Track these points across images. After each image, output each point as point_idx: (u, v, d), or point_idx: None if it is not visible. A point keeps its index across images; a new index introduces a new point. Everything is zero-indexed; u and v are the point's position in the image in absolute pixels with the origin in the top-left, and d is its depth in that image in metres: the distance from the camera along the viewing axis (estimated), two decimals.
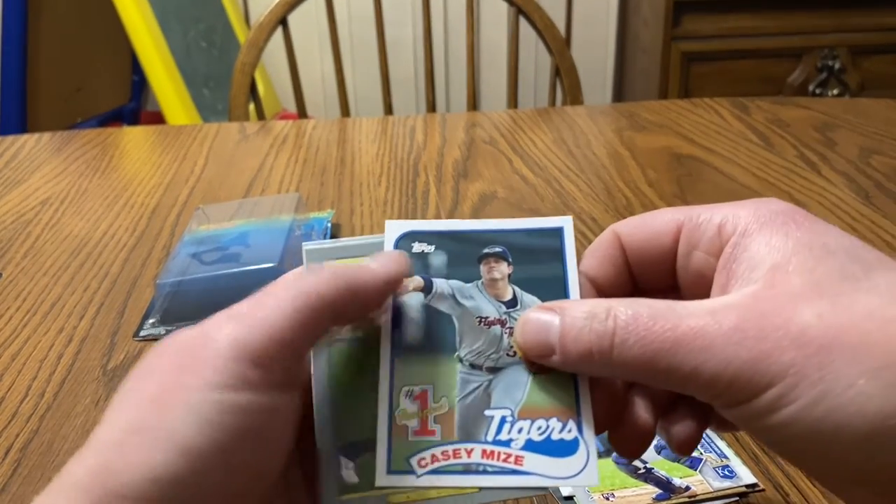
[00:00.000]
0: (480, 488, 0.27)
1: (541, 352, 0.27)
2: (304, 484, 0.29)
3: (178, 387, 0.24)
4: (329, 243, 0.31)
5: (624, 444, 0.29)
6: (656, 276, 0.30)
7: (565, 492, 0.38)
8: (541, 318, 0.27)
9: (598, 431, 0.28)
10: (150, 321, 0.56)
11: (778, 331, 0.24)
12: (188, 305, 0.57)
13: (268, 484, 0.26)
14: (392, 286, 0.29)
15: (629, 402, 0.29)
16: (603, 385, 0.28)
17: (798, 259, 0.25)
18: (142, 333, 0.55)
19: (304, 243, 0.30)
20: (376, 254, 0.30)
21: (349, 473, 0.27)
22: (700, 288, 0.29)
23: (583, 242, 0.67)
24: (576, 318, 0.27)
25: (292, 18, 1.26)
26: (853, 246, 0.26)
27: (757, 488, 0.38)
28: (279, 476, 0.27)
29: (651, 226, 0.30)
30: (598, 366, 0.26)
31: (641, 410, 0.29)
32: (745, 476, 0.39)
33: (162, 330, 0.55)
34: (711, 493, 0.38)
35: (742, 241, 0.27)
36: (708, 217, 0.28)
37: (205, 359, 0.24)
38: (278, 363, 0.25)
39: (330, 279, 0.27)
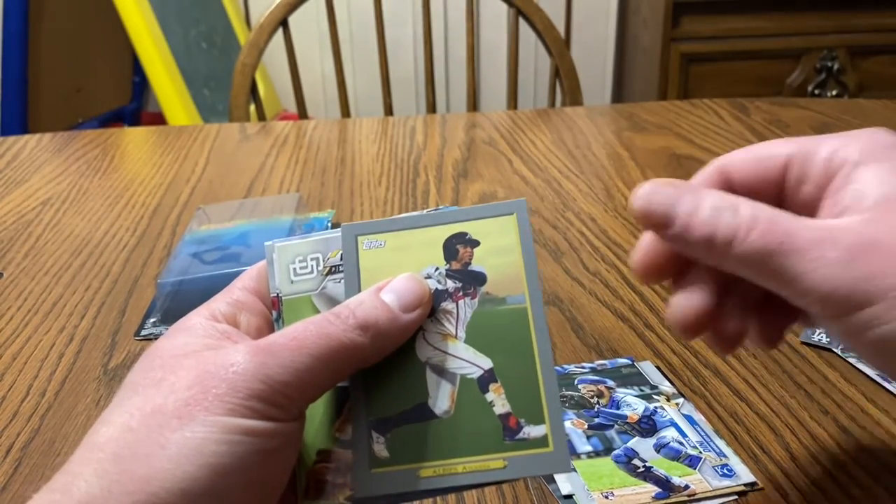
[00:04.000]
0: (506, 465, 0.28)
1: (659, 221, 0.28)
2: (288, 489, 0.30)
3: (204, 408, 0.25)
4: (294, 240, 0.31)
5: (719, 339, 0.30)
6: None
7: (565, 490, 0.38)
8: (669, 191, 0.28)
9: (691, 334, 0.29)
10: (151, 320, 0.57)
11: (886, 256, 0.25)
12: (189, 305, 0.56)
13: (278, 494, 0.27)
14: (414, 326, 0.29)
15: (725, 301, 0.30)
16: (707, 274, 0.29)
17: None
18: (143, 333, 0.55)
19: (266, 242, 0.31)
20: (398, 284, 0.29)
21: (380, 448, 0.28)
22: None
23: (582, 242, 0.67)
24: (704, 202, 0.28)
25: (293, 19, 1.26)
26: None
27: (756, 487, 0.38)
28: (283, 490, 0.28)
29: (760, 158, 0.31)
30: (715, 253, 0.28)
31: (735, 310, 0.30)
32: (744, 475, 0.39)
33: (163, 329, 0.55)
34: (710, 491, 0.38)
35: (852, 172, 0.28)
36: (816, 149, 0.29)
37: (233, 388, 0.25)
38: (297, 405, 0.27)
39: (356, 334, 0.27)
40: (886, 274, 0.25)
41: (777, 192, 0.31)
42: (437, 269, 0.30)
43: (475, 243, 0.30)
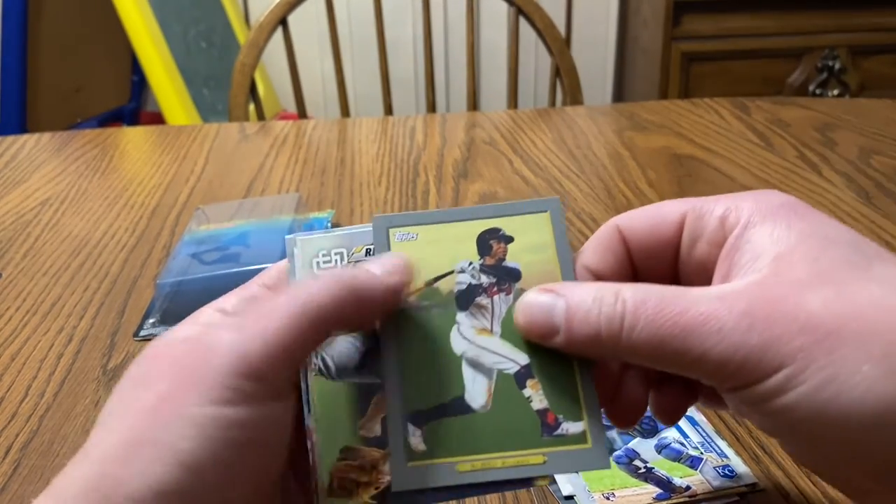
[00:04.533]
0: (545, 460, 0.28)
1: (544, 332, 0.28)
2: (296, 483, 0.30)
3: (178, 400, 0.24)
4: (318, 234, 0.31)
5: (619, 417, 0.30)
6: (658, 267, 0.31)
7: (566, 491, 0.38)
8: (544, 299, 0.28)
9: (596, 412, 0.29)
10: (150, 321, 0.56)
11: (787, 316, 0.24)
12: (188, 305, 0.56)
13: (266, 489, 0.26)
14: (396, 293, 0.29)
15: (623, 377, 0.30)
16: (600, 364, 0.29)
17: (801, 249, 0.26)
18: (142, 333, 0.55)
19: (287, 236, 0.30)
20: (380, 256, 0.29)
21: (417, 441, 0.28)
22: (702, 279, 0.29)
23: (582, 241, 0.67)
24: (583, 300, 0.27)
25: (292, 19, 1.26)
26: (854, 238, 0.26)
27: (757, 488, 0.38)
28: (280, 471, 0.27)
29: (654, 217, 0.30)
30: (605, 349, 0.26)
31: (635, 385, 0.30)
32: (746, 476, 0.39)
33: (162, 330, 0.55)
34: (712, 492, 0.38)
35: (745, 232, 0.27)
36: (711, 208, 0.29)
37: (204, 373, 0.24)
38: (277, 375, 0.25)
39: (331, 287, 0.26)
40: (791, 335, 0.24)
41: (673, 252, 0.30)
42: (470, 263, 0.30)
43: (509, 239, 0.30)
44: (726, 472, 0.39)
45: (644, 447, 0.41)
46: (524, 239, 0.30)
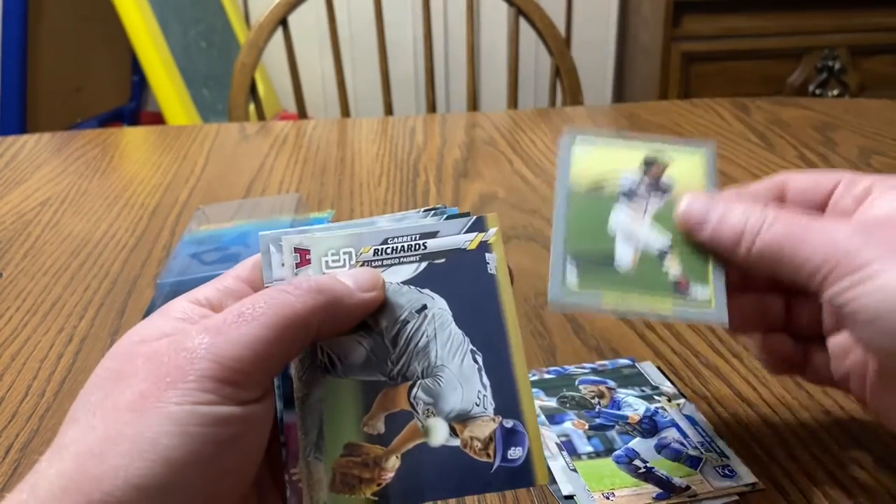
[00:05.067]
0: (674, 309, 0.34)
1: (696, 222, 0.35)
2: (272, 482, 0.30)
3: (158, 398, 0.24)
4: (326, 231, 0.31)
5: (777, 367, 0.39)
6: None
7: (565, 490, 0.38)
8: (704, 200, 0.35)
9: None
10: None
11: (880, 234, 0.31)
12: None
13: (244, 487, 0.27)
14: (368, 308, 0.29)
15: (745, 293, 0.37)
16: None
17: None
18: None
19: (261, 233, 0.31)
20: (355, 270, 0.30)
21: (572, 274, 0.35)
22: None
23: None
24: (735, 206, 0.34)
25: (292, 19, 1.26)
26: None
27: (757, 487, 0.38)
28: (257, 468, 0.28)
29: (818, 175, 0.37)
30: (742, 248, 0.33)
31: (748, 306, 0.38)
32: (746, 476, 0.39)
33: None
34: (712, 492, 0.38)
35: (882, 194, 0.34)
36: (865, 177, 0.35)
37: (183, 375, 0.25)
38: (254, 381, 0.26)
39: (311, 297, 0.27)
40: (884, 239, 0.30)
41: (822, 202, 0.36)
42: (637, 170, 0.38)
43: (666, 165, 0.38)
44: (726, 471, 0.39)
45: (644, 447, 0.41)
46: (680, 167, 0.38)
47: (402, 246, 0.31)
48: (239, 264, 0.32)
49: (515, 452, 0.29)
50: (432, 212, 0.32)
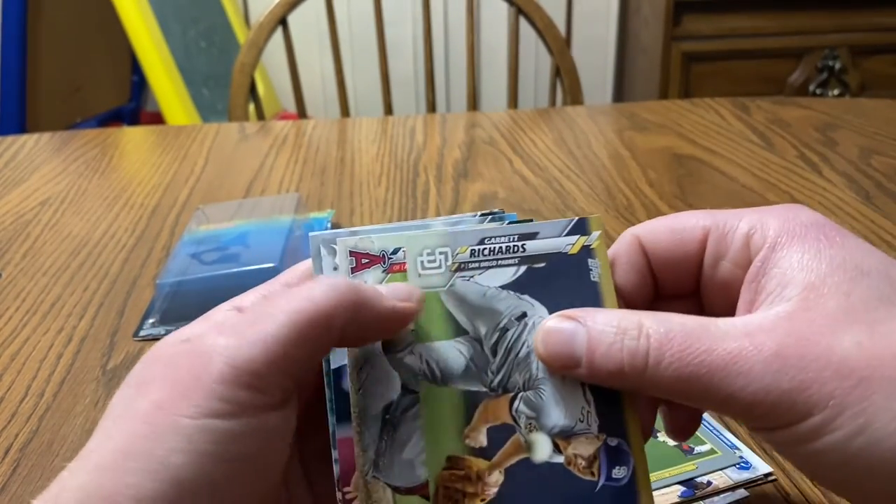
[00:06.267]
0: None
1: (565, 363, 0.27)
2: (305, 481, 0.29)
3: (172, 410, 0.23)
4: (427, 230, 0.29)
5: None
6: (679, 281, 0.30)
7: None
8: (564, 328, 0.27)
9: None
10: (150, 321, 0.56)
11: (819, 359, 0.23)
12: (188, 305, 0.57)
13: (261, 498, 0.25)
14: (402, 318, 0.27)
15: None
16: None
17: (832, 280, 0.25)
18: (141, 333, 0.55)
19: (310, 233, 0.29)
20: (393, 284, 0.28)
21: None
22: (724, 298, 0.29)
23: None
24: (604, 331, 0.26)
25: (292, 18, 1.26)
26: (885, 266, 0.25)
27: (771, 478, 0.39)
28: (277, 484, 0.26)
29: (677, 231, 0.30)
30: (628, 383, 0.26)
31: (643, 407, 0.30)
32: (761, 466, 0.39)
33: (162, 330, 0.55)
34: (732, 484, 0.38)
35: (772, 255, 0.26)
36: (735, 225, 0.28)
37: (197, 381, 0.23)
38: (273, 384, 0.24)
39: (333, 293, 0.25)
40: (823, 380, 0.23)
41: (695, 266, 0.30)
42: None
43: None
44: (742, 464, 0.39)
45: None
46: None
47: (500, 247, 0.29)
48: (288, 270, 0.30)
49: (620, 472, 0.28)
50: (490, 216, 0.30)
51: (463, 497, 0.27)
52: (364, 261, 0.29)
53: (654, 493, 0.38)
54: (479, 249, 0.29)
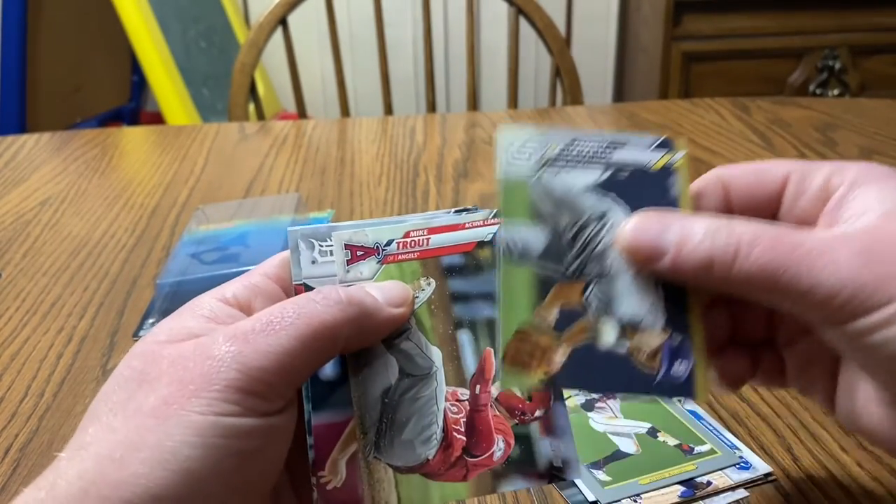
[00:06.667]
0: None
1: (651, 254, 0.28)
2: (291, 489, 0.30)
3: (182, 405, 0.24)
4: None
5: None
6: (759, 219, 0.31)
7: (591, 497, 0.38)
8: (655, 220, 0.28)
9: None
10: (150, 321, 0.56)
11: (883, 258, 0.25)
12: None
13: (262, 498, 0.26)
14: (396, 323, 0.29)
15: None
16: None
17: None
18: (141, 333, 0.55)
19: (289, 228, 0.30)
20: (384, 284, 0.29)
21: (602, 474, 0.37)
22: None
23: None
24: (695, 227, 0.27)
25: (292, 18, 1.26)
26: None
27: (770, 478, 0.39)
28: (274, 481, 0.27)
29: (759, 172, 0.31)
30: (714, 277, 0.27)
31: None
32: (761, 466, 0.39)
33: None
34: (732, 484, 0.38)
35: (851, 191, 0.28)
36: (817, 167, 0.30)
37: (207, 383, 0.24)
38: (280, 393, 0.25)
39: (339, 310, 0.26)
40: None
41: (773, 206, 0.31)
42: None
43: None
44: (742, 464, 0.40)
45: None
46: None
47: (589, 151, 0.30)
48: (267, 260, 0.31)
49: (680, 368, 0.29)
50: (464, 212, 0.31)
51: (528, 367, 0.29)
52: (359, 253, 0.30)
53: (654, 494, 0.38)
54: (568, 149, 0.30)
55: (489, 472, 0.29)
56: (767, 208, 0.31)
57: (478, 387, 0.29)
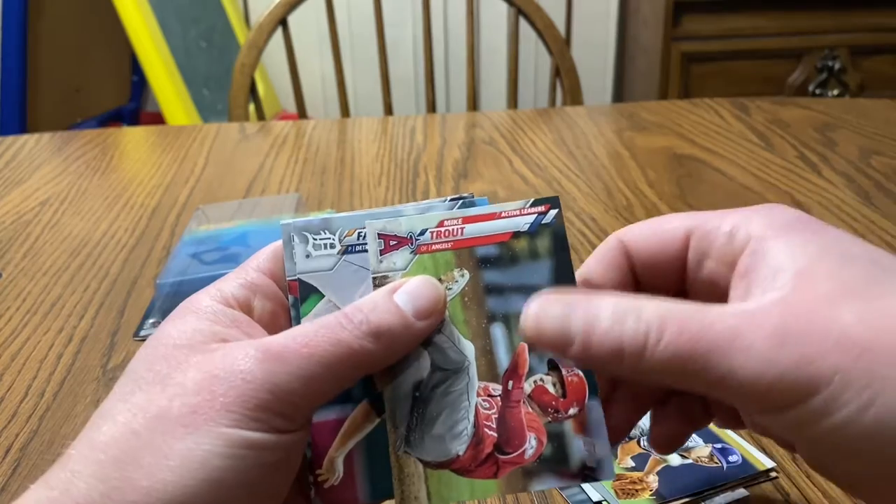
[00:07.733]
0: None
1: (557, 343, 0.26)
2: (300, 498, 0.30)
3: (210, 417, 0.24)
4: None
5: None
6: (664, 285, 0.30)
7: (595, 497, 0.38)
8: (559, 306, 0.26)
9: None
10: (150, 321, 0.56)
11: (819, 333, 0.23)
12: None
13: (281, 499, 0.27)
14: (426, 334, 0.28)
15: (610, 401, 0.30)
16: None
17: (823, 265, 0.24)
18: (142, 333, 0.55)
19: (282, 222, 0.30)
20: (415, 287, 0.28)
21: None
22: (712, 297, 0.28)
23: (582, 242, 0.67)
24: (602, 312, 0.25)
25: (292, 19, 1.26)
26: (872, 252, 0.25)
27: (772, 476, 0.39)
28: (285, 495, 0.28)
29: (659, 233, 0.29)
30: (625, 366, 0.25)
31: (623, 411, 0.30)
32: (765, 461, 0.40)
33: None
34: (736, 482, 0.38)
35: (760, 247, 0.26)
36: (717, 224, 0.28)
37: (241, 398, 0.24)
38: (303, 414, 0.26)
39: (367, 342, 0.26)
40: (825, 352, 0.22)
41: (679, 269, 0.29)
42: None
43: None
44: (742, 461, 0.40)
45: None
46: None
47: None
48: (258, 253, 0.30)
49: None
50: (459, 201, 0.30)
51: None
52: (392, 242, 0.29)
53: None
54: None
55: (520, 470, 0.28)
56: (673, 272, 0.29)
57: (510, 382, 0.29)
